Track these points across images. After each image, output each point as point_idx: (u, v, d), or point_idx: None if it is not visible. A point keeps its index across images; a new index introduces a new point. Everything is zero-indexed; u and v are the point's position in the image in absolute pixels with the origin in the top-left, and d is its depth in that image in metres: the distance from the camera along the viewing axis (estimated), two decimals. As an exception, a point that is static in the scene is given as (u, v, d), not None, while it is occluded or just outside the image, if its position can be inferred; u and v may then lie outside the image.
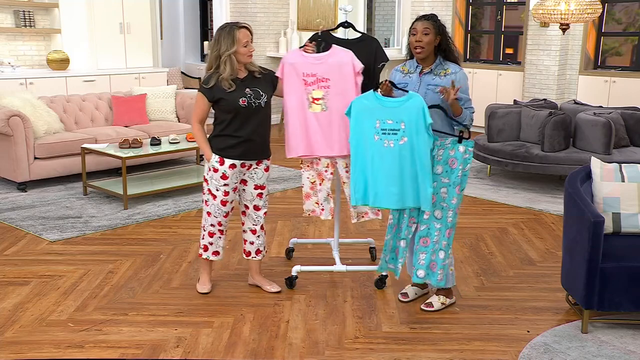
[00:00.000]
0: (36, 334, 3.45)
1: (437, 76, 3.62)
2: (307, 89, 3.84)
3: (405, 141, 3.49)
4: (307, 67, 3.82)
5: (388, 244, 3.76)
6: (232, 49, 3.58)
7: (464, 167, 3.52)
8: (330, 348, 3.34)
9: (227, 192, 3.78)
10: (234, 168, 3.75)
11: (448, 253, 3.61)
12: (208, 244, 3.92)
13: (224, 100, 3.65)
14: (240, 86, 3.67)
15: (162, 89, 7.66)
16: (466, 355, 3.30)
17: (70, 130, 6.79)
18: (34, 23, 8.50)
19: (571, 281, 3.65)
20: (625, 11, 9.33)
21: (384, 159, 3.55)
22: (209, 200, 3.81)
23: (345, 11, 4.13)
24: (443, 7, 10.07)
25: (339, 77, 3.80)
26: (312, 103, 3.85)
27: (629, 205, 3.73)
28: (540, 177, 6.87)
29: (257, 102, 3.70)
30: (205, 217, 3.88)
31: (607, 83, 8.86)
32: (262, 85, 3.75)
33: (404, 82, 3.70)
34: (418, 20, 3.63)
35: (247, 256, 4.03)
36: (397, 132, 3.50)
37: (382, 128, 3.54)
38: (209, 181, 3.79)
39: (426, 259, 3.61)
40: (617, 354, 3.31)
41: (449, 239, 3.60)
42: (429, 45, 3.59)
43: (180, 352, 3.28)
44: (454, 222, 3.59)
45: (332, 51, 3.84)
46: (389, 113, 3.52)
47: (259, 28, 9.65)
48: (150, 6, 9.40)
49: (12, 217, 5.39)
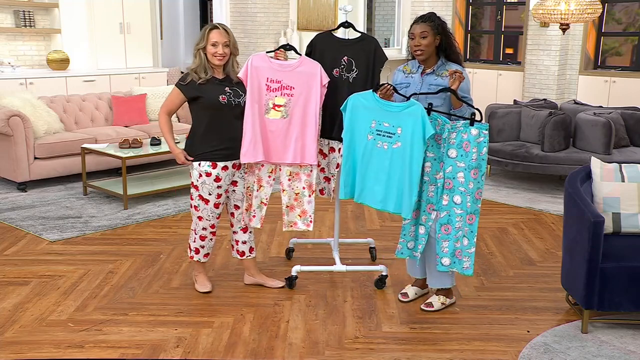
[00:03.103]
0: (36, 334, 3.45)
1: (439, 76, 3.61)
2: (268, 95, 3.79)
3: (399, 146, 3.50)
4: (271, 73, 3.79)
5: (407, 229, 3.68)
6: (200, 44, 3.66)
7: (479, 150, 3.46)
8: (330, 348, 3.34)
9: (220, 194, 3.78)
10: (226, 170, 3.75)
11: (473, 240, 3.55)
12: (199, 247, 3.92)
13: (202, 97, 3.66)
14: (218, 85, 3.70)
15: (162, 89, 7.66)
16: (466, 355, 3.30)
17: (70, 130, 6.79)
18: (34, 23, 8.49)
19: (571, 281, 3.65)
20: (625, 11, 9.33)
21: (374, 158, 3.58)
22: (199, 206, 3.80)
23: (345, 11, 4.13)
24: (443, 7, 10.07)
25: (304, 87, 3.79)
26: (272, 109, 3.80)
27: (629, 205, 3.73)
28: (540, 177, 6.87)
29: (237, 100, 3.73)
30: (196, 222, 3.86)
31: (607, 83, 8.86)
32: (240, 87, 3.77)
33: (406, 82, 3.69)
34: (415, 24, 3.61)
35: (241, 256, 4.03)
36: (392, 136, 3.52)
37: (377, 129, 3.55)
38: (199, 187, 3.76)
39: (449, 246, 3.57)
40: (617, 354, 3.31)
41: (471, 225, 3.53)
42: (428, 48, 3.58)
43: (180, 352, 3.28)
44: (474, 208, 3.52)
45: (301, 61, 3.83)
46: (387, 116, 3.52)
47: (259, 28, 9.64)
48: (150, 6, 9.40)
49: (12, 217, 5.40)
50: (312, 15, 9.97)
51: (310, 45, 4.00)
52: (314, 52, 3.97)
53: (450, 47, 3.64)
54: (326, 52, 3.93)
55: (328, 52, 3.92)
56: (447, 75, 3.55)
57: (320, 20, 9.94)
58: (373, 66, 3.90)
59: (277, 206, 5.71)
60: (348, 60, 3.90)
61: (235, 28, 9.84)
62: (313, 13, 9.97)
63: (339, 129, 3.98)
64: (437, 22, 3.60)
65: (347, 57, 3.90)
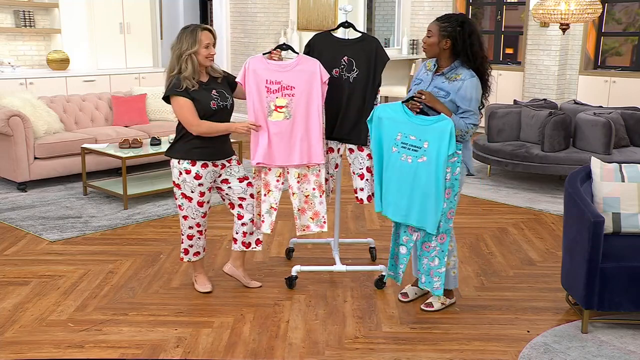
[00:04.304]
0: (36, 334, 3.45)
1: (447, 79, 3.53)
2: (269, 97, 3.77)
3: (424, 160, 3.42)
4: (270, 75, 3.76)
5: (392, 250, 3.73)
6: (192, 48, 3.58)
7: (452, 170, 3.42)
8: (330, 348, 3.34)
9: (202, 192, 3.75)
10: (206, 167, 3.73)
11: (443, 260, 3.54)
12: (188, 247, 3.90)
13: (197, 101, 3.64)
14: (206, 89, 3.68)
15: (162, 89, 7.62)
16: (466, 355, 3.30)
17: (70, 130, 6.79)
18: (34, 23, 8.50)
19: (571, 281, 3.65)
20: (625, 11, 9.33)
21: (397, 171, 3.51)
22: (183, 205, 3.78)
23: (345, 11, 4.13)
24: (443, 7, 10.07)
25: (305, 86, 3.76)
26: (274, 111, 3.78)
27: (629, 205, 3.73)
28: (540, 177, 6.87)
29: (224, 104, 3.72)
30: (182, 222, 3.85)
31: (607, 83, 8.86)
32: (225, 88, 3.77)
33: (422, 78, 3.66)
34: (432, 21, 3.59)
35: (247, 248, 3.97)
36: (418, 150, 3.42)
37: (402, 142, 3.47)
38: (180, 185, 3.74)
39: (427, 264, 3.59)
40: (617, 354, 3.31)
41: (442, 245, 3.52)
42: (430, 47, 3.55)
43: (180, 352, 3.28)
44: (445, 228, 3.49)
45: (299, 59, 3.81)
46: (414, 129, 3.44)
47: (259, 28, 9.65)
48: (150, 6, 9.41)
49: (12, 217, 5.40)
50: (312, 15, 9.97)
51: (308, 46, 3.98)
52: (312, 52, 3.94)
53: (464, 52, 3.50)
54: (325, 52, 3.91)
55: (327, 52, 3.91)
56: (455, 80, 3.50)
57: (320, 20, 9.95)
58: (374, 66, 3.89)
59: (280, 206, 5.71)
60: (348, 60, 3.90)
61: (235, 28, 9.86)
62: (313, 13, 9.97)
63: (338, 129, 3.98)
64: (450, 25, 3.49)
65: (347, 57, 3.89)
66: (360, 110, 3.91)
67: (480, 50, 3.52)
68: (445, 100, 3.50)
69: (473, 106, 3.50)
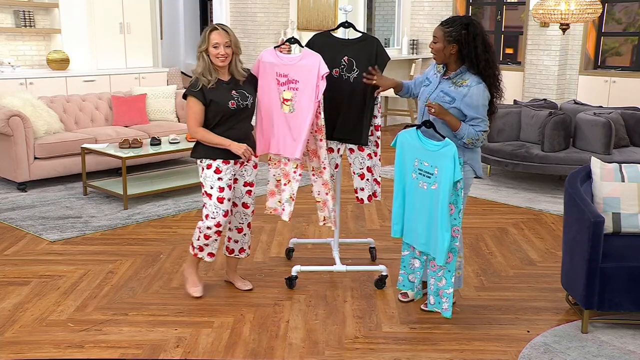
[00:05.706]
0: (36, 334, 3.45)
1: (454, 85, 3.49)
2: (278, 89, 3.82)
3: (435, 188, 3.38)
4: (280, 68, 3.80)
5: (407, 261, 3.66)
6: (202, 46, 3.65)
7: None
8: (330, 348, 3.34)
9: (221, 187, 3.73)
10: (227, 164, 3.74)
11: (450, 280, 3.45)
12: (203, 245, 3.84)
13: (214, 102, 3.65)
14: (225, 89, 3.69)
15: (162, 89, 7.66)
16: (466, 355, 3.30)
17: (70, 130, 6.79)
18: (34, 23, 8.49)
19: (571, 281, 3.65)
20: (625, 11, 9.33)
21: (415, 198, 3.49)
22: (206, 203, 3.79)
23: (345, 11, 4.12)
24: (443, 7, 10.07)
25: (307, 80, 3.76)
26: (283, 103, 3.82)
27: (629, 205, 3.73)
28: (540, 177, 6.87)
29: (244, 103, 3.73)
30: (203, 220, 3.83)
31: (607, 83, 8.86)
32: (246, 88, 3.77)
33: (430, 80, 3.65)
34: (437, 26, 3.54)
35: (230, 254, 4.01)
36: (431, 177, 3.39)
37: (419, 168, 3.45)
38: (203, 182, 3.77)
39: (434, 284, 3.52)
40: (617, 354, 3.31)
41: (448, 265, 3.44)
42: (438, 53, 3.51)
43: (180, 352, 3.28)
44: (451, 246, 3.41)
45: (304, 54, 3.81)
46: (427, 155, 3.41)
47: (259, 28, 9.65)
48: (150, 6, 9.40)
49: (12, 217, 5.40)
50: (312, 15, 9.97)
51: (308, 45, 3.97)
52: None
53: (470, 58, 3.45)
54: (325, 52, 3.89)
55: (327, 52, 3.89)
56: (462, 86, 3.47)
57: (320, 20, 9.94)
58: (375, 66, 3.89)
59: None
60: (348, 60, 3.90)
61: (235, 28, 9.84)
62: (313, 13, 9.97)
63: (339, 129, 3.98)
64: (454, 30, 3.43)
65: (347, 57, 3.89)
66: (360, 110, 3.91)
67: (484, 52, 3.46)
68: (450, 107, 3.47)
69: (481, 113, 3.46)
